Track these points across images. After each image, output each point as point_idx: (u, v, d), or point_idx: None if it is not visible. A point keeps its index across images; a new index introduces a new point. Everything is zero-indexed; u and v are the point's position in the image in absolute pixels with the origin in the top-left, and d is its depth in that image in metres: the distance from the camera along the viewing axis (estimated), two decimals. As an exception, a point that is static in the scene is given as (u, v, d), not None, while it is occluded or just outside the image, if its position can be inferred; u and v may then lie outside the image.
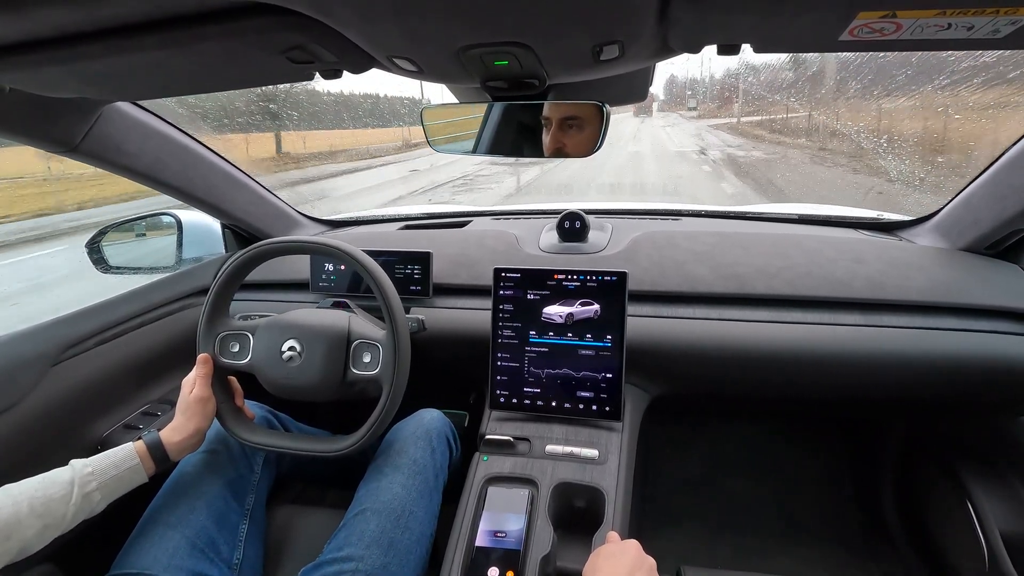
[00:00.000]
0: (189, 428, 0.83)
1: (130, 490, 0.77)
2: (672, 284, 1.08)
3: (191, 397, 0.86)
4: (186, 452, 0.84)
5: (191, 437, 0.84)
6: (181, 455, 0.84)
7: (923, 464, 1.26)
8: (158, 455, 0.80)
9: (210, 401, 0.87)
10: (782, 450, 1.55)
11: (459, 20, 0.49)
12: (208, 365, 0.89)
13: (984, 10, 0.43)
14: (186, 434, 0.83)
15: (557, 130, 0.74)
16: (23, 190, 9.84)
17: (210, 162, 1.17)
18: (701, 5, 0.46)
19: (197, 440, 0.85)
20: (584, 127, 0.72)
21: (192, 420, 0.84)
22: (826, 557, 1.31)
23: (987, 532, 0.98)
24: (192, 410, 0.85)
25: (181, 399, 0.87)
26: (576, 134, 0.73)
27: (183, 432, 0.83)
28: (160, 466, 0.80)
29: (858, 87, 2.93)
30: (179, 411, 0.86)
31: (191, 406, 0.85)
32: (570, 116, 0.73)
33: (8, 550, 0.63)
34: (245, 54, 0.61)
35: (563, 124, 0.74)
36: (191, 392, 0.86)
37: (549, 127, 0.75)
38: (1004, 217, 0.98)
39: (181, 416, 0.85)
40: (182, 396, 0.87)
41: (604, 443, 0.94)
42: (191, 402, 0.85)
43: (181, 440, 0.82)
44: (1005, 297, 0.97)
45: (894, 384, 1.00)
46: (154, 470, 0.80)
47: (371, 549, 0.79)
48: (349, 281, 1.23)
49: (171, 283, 1.24)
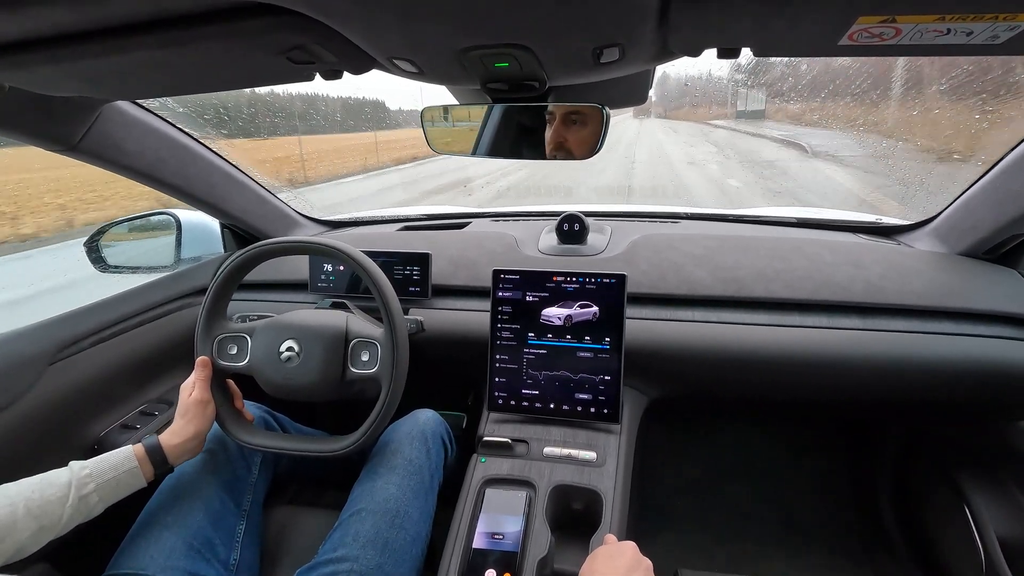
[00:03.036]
0: (189, 431, 0.83)
1: (128, 494, 0.77)
2: (671, 287, 1.08)
3: (190, 400, 0.85)
4: (186, 456, 0.84)
5: (190, 441, 0.83)
6: (180, 459, 0.83)
7: (921, 469, 1.26)
8: (157, 459, 0.79)
9: (210, 404, 0.87)
10: (780, 454, 1.55)
11: (460, 22, 0.49)
12: (207, 368, 0.89)
13: (983, 16, 0.43)
14: (185, 437, 0.82)
15: (560, 124, 0.74)
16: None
17: (209, 161, 1.17)
18: (701, 8, 0.46)
19: (197, 444, 0.85)
20: (588, 123, 0.72)
21: (192, 423, 0.84)
22: (823, 561, 1.31)
23: (985, 537, 0.98)
24: (192, 413, 0.84)
25: (180, 403, 0.86)
26: (579, 130, 0.73)
27: (182, 435, 0.82)
28: (159, 470, 0.80)
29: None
30: (178, 414, 0.85)
31: (190, 409, 0.85)
32: (574, 112, 0.73)
33: (2, 552, 0.63)
34: (245, 54, 0.61)
35: (567, 119, 0.74)
36: (190, 395, 0.86)
37: (552, 121, 0.74)
38: (1002, 222, 0.98)
39: (180, 419, 0.84)
40: (181, 400, 0.86)
41: (602, 445, 0.94)
42: (190, 405, 0.85)
43: (180, 444, 0.82)
44: (1003, 302, 0.97)
45: (892, 388, 1.00)
46: (152, 474, 0.79)
47: (366, 549, 0.79)
48: (348, 282, 1.22)
49: (170, 283, 1.23)
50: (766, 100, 11.96)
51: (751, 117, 12.61)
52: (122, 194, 8.16)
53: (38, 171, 11.18)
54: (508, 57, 0.56)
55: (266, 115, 9.70)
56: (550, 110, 0.73)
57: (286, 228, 1.46)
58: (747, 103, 12.61)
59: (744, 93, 12.80)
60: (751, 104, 12.38)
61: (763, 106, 11.97)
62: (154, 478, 0.80)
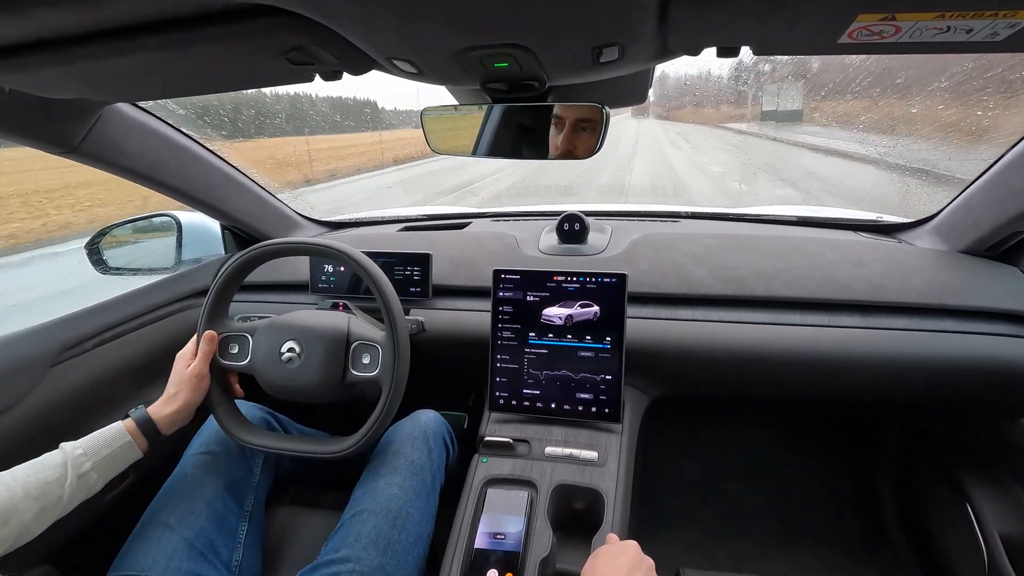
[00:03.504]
0: (179, 401, 0.83)
1: (127, 475, 0.77)
2: (671, 286, 1.08)
3: (188, 371, 0.86)
4: (177, 425, 0.84)
5: (181, 411, 0.84)
6: (172, 428, 0.83)
7: (922, 467, 1.26)
8: (149, 430, 0.80)
9: (205, 379, 0.87)
10: (781, 453, 1.54)
11: (459, 22, 0.49)
12: (213, 343, 0.89)
13: (983, 12, 0.43)
14: (176, 408, 0.83)
15: (570, 132, 0.74)
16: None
17: (210, 163, 1.17)
18: (701, 7, 0.46)
19: (187, 414, 0.85)
20: (597, 130, 0.72)
21: (183, 393, 0.84)
22: (825, 560, 1.31)
23: (986, 535, 0.98)
24: (185, 383, 0.85)
25: (175, 372, 0.86)
26: (588, 137, 0.73)
27: (173, 405, 0.83)
28: (152, 440, 0.80)
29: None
30: (171, 383, 0.85)
31: (186, 380, 0.85)
32: (584, 119, 0.73)
33: (8, 535, 0.63)
34: (245, 56, 0.61)
35: (577, 126, 0.74)
36: (187, 367, 0.86)
37: (562, 128, 0.74)
38: (1003, 219, 0.98)
39: (172, 388, 0.85)
40: (176, 370, 0.87)
41: (603, 445, 0.94)
42: (187, 376, 0.85)
43: (171, 413, 0.82)
44: (1004, 299, 0.97)
45: (894, 386, 0.99)
46: (147, 446, 0.80)
47: (368, 550, 0.79)
48: (349, 282, 1.23)
49: (171, 284, 1.23)
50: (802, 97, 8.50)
51: (784, 119, 9.16)
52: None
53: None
54: (507, 57, 0.56)
55: (295, 118, 9.48)
56: (560, 115, 0.73)
57: (286, 229, 1.46)
58: (779, 101, 8.92)
59: (774, 88, 9.16)
60: (786, 102, 8.72)
61: (800, 105, 8.62)
62: (148, 449, 0.80)
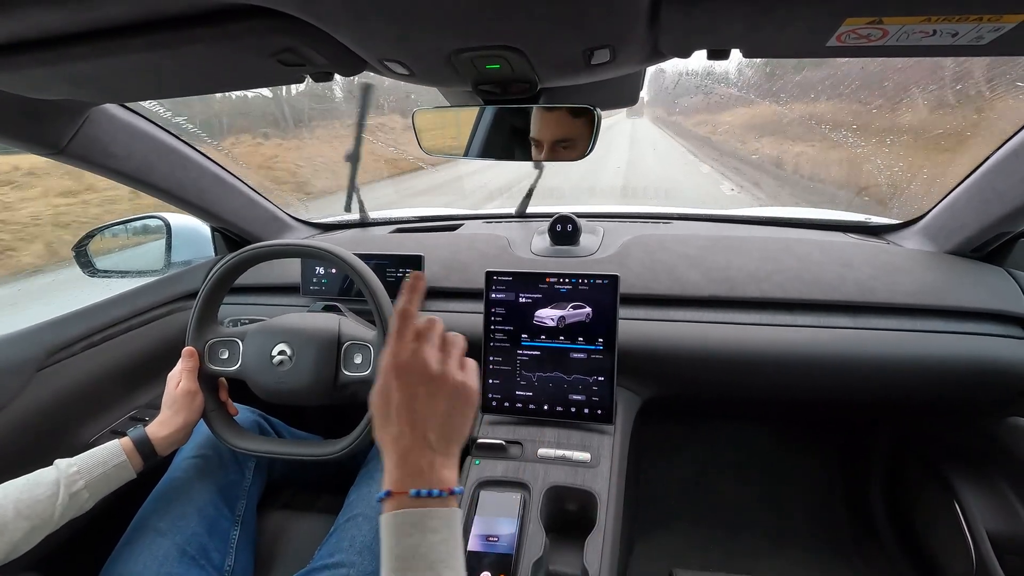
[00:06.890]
0: (177, 422, 0.83)
1: (119, 487, 0.76)
2: (663, 287, 1.08)
3: (178, 391, 0.85)
4: (174, 446, 0.84)
5: (179, 431, 0.83)
6: (169, 450, 0.83)
7: (911, 465, 1.27)
8: (145, 450, 0.79)
9: (197, 395, 0.87)
10: (772, 452, 1.56)
11: (450, 24, 0.49)
12: (194, 359, 0.88)
13: (968, 17, 0.43)
14: (173, 428, 0.82)
15: (549, 151, 0.73)
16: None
17: (199, 164, 1.16)
18: (691, 11, 0.46)
19: (185, 434, 0.85)
20: (576, 146, 0.71)
21: (179, 414, 0.83)
22: (816, 558, 1.32)
23: (975, 533, 0.99)
24: (179, 404, 0.84)
25: (167, 394, 0.86)
26: (568, 152, 0.72)
27: (170, 426, 0.82)
28: (148, 461, 0.79)
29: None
30: (165, 405, 0.85)
31: (178, 400, 0.84)
32: (562, 139, 0.71)
33: None
34: (235, 56, 0.60)
35: (555, 146, 0.72)
36: (177, 386, 0.85)
37: (541, 149, 0.73)
38: (989, 220, 0.99)
39: (168, 410, 0.84)
40: (168, 391, 0.86)
41: (596, 446, 0.94)
42: (178, 396, 0.85)
43: (169, 435, 0.81)
44: (991, 299, 0.98)
45: (883, 386, 1.01)
46: (142, 466, 0.79)
47: (363, 555, 0.78)
48: (340, 285, 1.22)
49: (160, 287, 1.22)
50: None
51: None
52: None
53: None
54: (499, 59, 0.56)
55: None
56: (537, 138, 0.72)
57: (277, 231, 1.45)
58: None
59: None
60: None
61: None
62: (143, 469, 0.79)
